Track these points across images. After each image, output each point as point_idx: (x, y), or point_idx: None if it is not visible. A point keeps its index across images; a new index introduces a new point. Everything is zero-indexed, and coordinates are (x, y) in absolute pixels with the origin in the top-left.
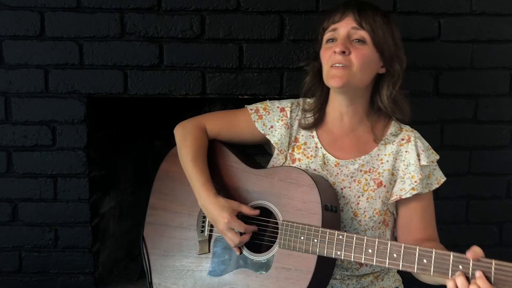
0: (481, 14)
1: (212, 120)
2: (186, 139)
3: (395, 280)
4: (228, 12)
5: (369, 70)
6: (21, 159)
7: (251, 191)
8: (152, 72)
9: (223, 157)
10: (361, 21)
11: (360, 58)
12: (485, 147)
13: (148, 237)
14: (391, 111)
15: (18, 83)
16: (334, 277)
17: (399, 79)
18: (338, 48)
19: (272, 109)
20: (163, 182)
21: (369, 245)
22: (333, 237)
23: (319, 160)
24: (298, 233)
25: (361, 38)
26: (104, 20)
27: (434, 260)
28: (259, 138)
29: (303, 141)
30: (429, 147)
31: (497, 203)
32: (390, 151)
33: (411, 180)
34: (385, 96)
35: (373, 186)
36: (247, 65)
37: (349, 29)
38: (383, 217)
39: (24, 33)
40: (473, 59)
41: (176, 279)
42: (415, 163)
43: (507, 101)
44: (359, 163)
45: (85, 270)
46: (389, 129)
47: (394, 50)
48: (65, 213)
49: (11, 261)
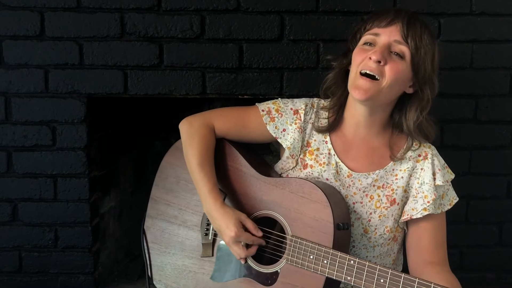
0: (481, 14)
1: (221, 118)
2: (193, 138)
3: None
4: (228, 12)
5: (398, 88)
6: (21, 159)
7: (259, 200)
8: (152, 72)
9: (232, 159)
10: (407, 35)
11: (394, 73)
12: (485, 147)
13: (148, 230)
14: (414, 135)
15: (18, 83)
16: None
17: (428, 105)
18: (375, 56)
19: (285, 111)
20: (166, 176)
21: (382, 275)
22: (344, 261)
23: (332, 169)
24: (307, 251)
25: (401, 52)
26: (104, 20)
27: None
28: (269, 139)
29: (315, 146)
30: (445, 166)
31: (497, 203)
32: (405, 167)
33: (424, 200)
34: (411, 120)
35: (386, 203)
36: (247, 65)
37: (392, 40)
38: (393, 234)
39: (24, 33)
40: (473, 59)
41: (177, 278)
42: (430, 183)
43: (507, 101)
44: (373, 178)
45: (85, 270)
46: (406, 143)
47: (430, 73)
48: (65, 213)
49: (11, 261)
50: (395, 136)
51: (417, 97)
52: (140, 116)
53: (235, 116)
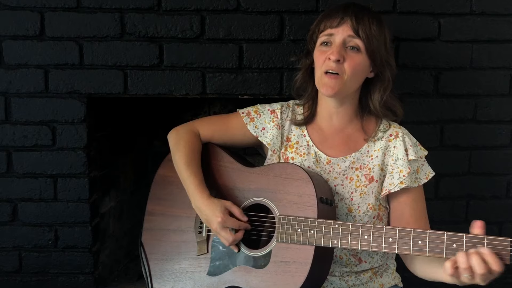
0: (481, 14)
1: (205, 124)
2: (179, 143)
3: (394, 278)
4: (228, 12)
5: (360, 76)
6: (21, 159)
7: (247, 189)
8: (152, 72)
9: (218, 158)
10: (358, 30)
11: (353, 66)
12: (485, 147)
13: (146, 243)
14: (383, 115)
15: (18, 83)
16: (334, 274)
17: (389, 85)
18: (333, 56)
19: (263, 112)
20: (160, 187)
21: (365, 231)
22: (329, 227)
23: (312, 158)
24: (295, 226)
25: (356, 46)
26: (104, 20)
27: (428, 241)
28: (252, 140)
29: (295, 140)
30: (417, 143)
31: (497, 203)
32: (379, 146)
33: (400, 174)
34: (376, 101)
35: (365, 181)
36: (247, 65)
37: (345, 37)
38: (377, 212)
39: (24, 33)
40: (473, 59)
41: (175, 282)
42: (403, 158)
43: (507, 101)
44: (350, 161)
45: (85, 270)
46: (378, 126)
47: (385, 57)
48: (65, 213)
49: (11, 261)
50: (366, 120)
51: (379, 79)
52: (140, 116)
53: (218, 121)
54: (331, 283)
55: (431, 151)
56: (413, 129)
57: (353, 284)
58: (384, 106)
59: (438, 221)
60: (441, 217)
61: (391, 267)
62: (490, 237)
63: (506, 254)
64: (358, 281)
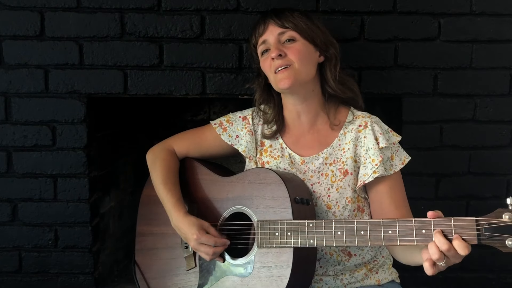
0: (481, 14)
1: (179, 141)
2: (156, 162)
3: (391, 273)
4: (228, 12)
5: (310, 62)
6: (21, 159)
7: (226, 199)
8: (152, 72)
9: (195, 171)
10: (282, 23)
11: (297, 53)
12: (485, 147)
13: (140, 262)
14: (342, 93)
15: (18, 83)
16: (328, 274)
17: (337, 61)
18: (273, 53)
19: (234, 120)
20: (147, 207)
21: (337, 227)
22: (304, 227)
23: (287, 160)
24: (273, 230)
25: (290, 37)
26: (104, 20)
27: (398, 229)
28: (228, 149)
29: (268, 144)
30: (388, 130)
31: (497, 203)
32: (349, 139)
33: (372, 164)
34: (330, 80)
35: (340, 176)
36: (247, 65)
37: (276, 35)
38: (356, 204)
39: (24, 33)
40: (473, 59)
41: None
42: (374, 147)
43: (507, 101)
44: (323, 157)
45: (85, 270)
46: (346, 118)
47: (323, 37)
48: (65, 213)
49: (11, 261)
50: (335, 112)
51: (327, 60)
52: (140, 116)
53: (192, 135)
54: (325, 283)
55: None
56: (413, 129)
57: (348, 282)
58: (340, 84)
59: None
60: None
61: (387, 262)
62: (456, 218)
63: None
64: (353, 279)
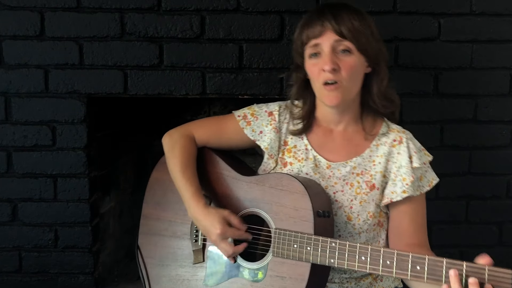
0: (481, 14)
1: (200, 128)
2: (174, 148)
3: (394, 280)
4: (228, 12)
5: (358, 76)
6: (21, 159)
7: (243, 199)
8: (152, 72)
9: (214, 164)
10: (341, 31)
11: (349, 70)
12: (485, 147)
13: (143, 246)
14: (383, 108)
15: (18, 83)
16: (333, 281)
17: (385, 75)
18: (327, 66)
19: (260, 114)
20: (155, 191)
21: (362, 252)
22: (325, 245)
23: (311, 163)
24: (291, 241)
25: (346, 48)
26: (104, 20)
27: (427, 267)
28: (248, 143)
29: (292, 144)
30: (421, 148)
31: (497, 203)
32: (382, 152)
33: (402, 183)
34: (375, 95)
35: (366, 189)
36: (247, 65)
37: (332, 43)
38: (377, 219)
39: (24, 33)
40: (473, 59)
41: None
42: (407, 165)
43: (507, 101)
44: (351, 166)
45: (85, 270)
46: (380, 129)
47: (376, 48)
48: (65, 213)
49: (11, 261)
50: (369, 122)
51: (375, 72)
52: (140, 116)
53: (213, 124)
54: None
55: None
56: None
57: None
58: (384, 98)
59: (438, 221)
60: (441, 217)
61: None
62: (491, 268)
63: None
64: (358, 287)
